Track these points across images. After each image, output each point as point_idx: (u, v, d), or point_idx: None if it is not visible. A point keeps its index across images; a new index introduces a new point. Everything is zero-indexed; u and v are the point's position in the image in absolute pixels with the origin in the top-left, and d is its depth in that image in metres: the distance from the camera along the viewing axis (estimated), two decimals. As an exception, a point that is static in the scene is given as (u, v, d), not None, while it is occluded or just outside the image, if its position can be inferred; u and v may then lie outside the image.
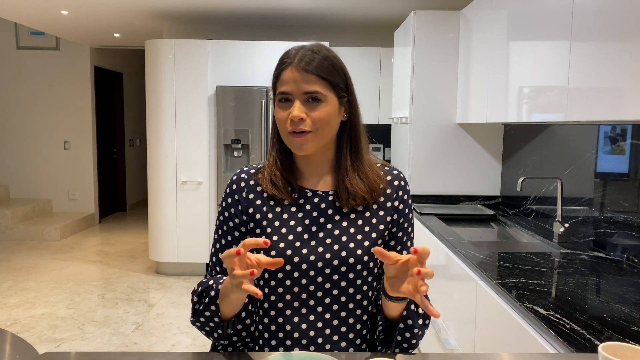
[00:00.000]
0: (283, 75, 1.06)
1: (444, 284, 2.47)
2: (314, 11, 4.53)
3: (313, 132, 1.06)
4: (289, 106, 1.06)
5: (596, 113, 1.69)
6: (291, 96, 1.05)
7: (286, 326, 1.09)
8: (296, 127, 1.04)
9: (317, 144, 1.08)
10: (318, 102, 1.05)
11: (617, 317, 1.42)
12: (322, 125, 1.06)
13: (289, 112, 1.05)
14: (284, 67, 1.07)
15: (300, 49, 1.08)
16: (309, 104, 1.05)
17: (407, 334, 1.06)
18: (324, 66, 1.06)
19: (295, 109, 1.04)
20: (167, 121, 4.55)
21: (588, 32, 1.74)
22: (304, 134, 1.05)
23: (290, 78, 1.05)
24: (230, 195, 1.15)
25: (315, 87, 1.04)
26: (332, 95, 1.07)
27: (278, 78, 1.07)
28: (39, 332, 3.47)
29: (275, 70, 1.09)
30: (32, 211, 6.35)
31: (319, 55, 1.06)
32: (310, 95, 1.04)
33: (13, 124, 6.61)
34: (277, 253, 1.07)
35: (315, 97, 1.04)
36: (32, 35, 6.49)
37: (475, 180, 3.51)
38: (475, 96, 3.06)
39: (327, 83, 1.05)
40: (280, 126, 1.08)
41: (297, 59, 1.05)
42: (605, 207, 2.20)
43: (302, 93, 1.04)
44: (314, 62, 1.05)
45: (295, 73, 1.04)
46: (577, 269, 1.91)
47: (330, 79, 1.06)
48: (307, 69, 1.04)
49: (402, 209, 1.16)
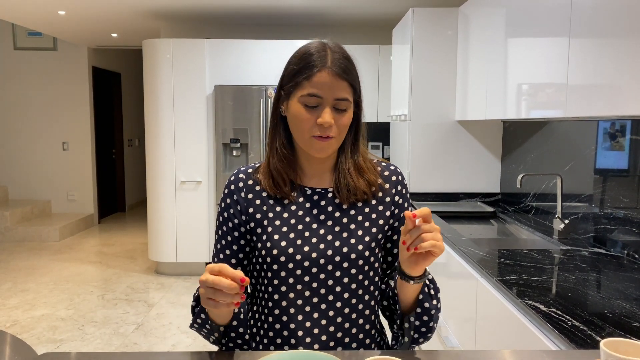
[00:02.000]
0: (316, 77, 1.03)
1: (444, 281, 2.47)
2: (312, 9, 4.52)
3: (335, 138, 1.07)
4: (316, 110, 1.04)
5: (595, 109, 1.69)
6: (321, 100, 1.04)
7: (290, 324, 1.09)
8: (324, 133, 1.05)
9: (335, 148, 1.10)
10: (345, 109, 1.06)
11: (618, 313, 1.42)
12: (343, 130, 1.08)
13: (316, 116, 1.04)
14: (317, 69, 1.03)
15: (326, 48, 1.06)
16: (336, 110, 1.05)
17: (425, 317, 1.05)
18: (352, 71, 1.07)
19: (327, 114, 1.03)
20: (165, 121, 4.54)
21: (587, 29, 1.74)
22: (329, 138, 1.06)
23: (325, 82, 1.03)
24: (228, 196, 1.15)
25: (345, 94, 1.05)
26: (352, 100, 1.08)
27: (309, 79, 1.03)
28: (39, 333, 3.47)
29: (305, 70, 1.04)
30: (31, 212, 6.34)
31: (347, 60, 1.07)
32: (340, 102, 1.04)
33: (11, 125, 6.60)
34: (279, 251, 1.07)
35: (343, 104, 1.05)
36: (29, 35, 6.47)
37: (474, 177, 3.51)
38: (474, 93, 3.05)
39: (352, 90, 1.07)
40: (302, 126, 1.06)
41: (331, 62, 1.04)
42: (605, 203, 2.20)
43: (334, 99, 1.04)
44: (346, 68, 1.05)
45: (331, 78, 1.03)
46: (577, 266, 1.91)
47: (356, 85, 1.08)
48: (341, 75, 1.04)
49: (401, 203, 1.17)
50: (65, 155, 6.70)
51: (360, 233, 1.10)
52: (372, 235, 1.11)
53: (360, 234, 1.10)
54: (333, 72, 1.03)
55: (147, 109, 4.61)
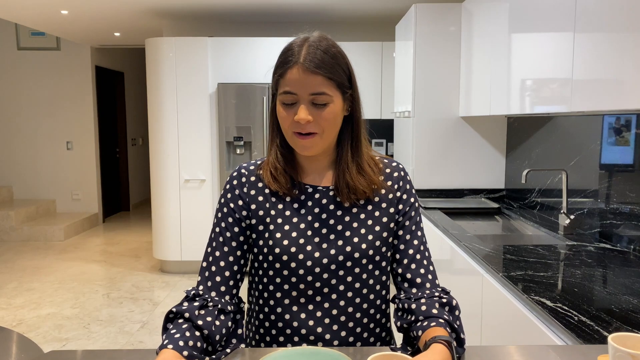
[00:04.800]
0: (288, 74, 1.01)
1: (449, 278, 2.46)
2: (314, 6, 4.51)
3: (319, 134, 1.03)
4: (293, 107, 1.02)
5: (600, 103, 1.68)
6: (296, 97, 1.01)
7: (293, 323, 1.08)
8: (302, 129, 1.02)
9: (323, 145, 1.06)
10: (324, 103, 1.01)
11: (625, 308, 1.41)
12: (328, 126, 1.04)
13: (294, 113, 1.02)
14: (288, 66, 1.01)
15: (304, 43, 1.03)
16: (315, 105, 1.01)
17: None
18: (330, 64, 1.01)
19: (302, 111, 1.00)
20: (168, 119, 4.55)
21: (592, 23, 1.73)
22: (311, 135, 1.03)
23: (296, 79, 1.00)
24: (230, 191, 1.12)
25: (322, 88, 1.00)
26: (338, 94, 1.03)
27: (282, 76, 1.02)
28: (45, 332, 3.48)
29: (279, 68, 1.03)
30: (35, 212, 6.36)
31: (324, 52, 1.01)
32: (316, 97, 1.01)
33: (15, 125, 6.61)
34: (281, 250, 1.06)
35: (322, 99, 1.01)
36: (32, 35, 6.49)
37: (479, 173, 3.50)
38: (478, 89, 3.04)
39: (333, 82, 1.02)
40: (283, 125, 1.05)
41: (303, 57, 1.00)
42: (610, 199, 2.19)
43: (309, 94, 1.01)
44: (320, 62, 1.00)
45: (302, 74, 1.00)
46: (583, 261, 1.90)
47: (336, 78, 1.02)
48: (313, 70, 0.99)
49: (406, 199, 1.14)
50: (70, 154, 6.71)
51: (364, 231, 1.08)
52: (375, 234, 1.09)
53: (363, 232, 1.08)
54: (304, 68, 0.99)
55: (151, 108, 4.62)
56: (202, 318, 1.00)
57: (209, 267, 1.09)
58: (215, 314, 1.03)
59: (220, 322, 1.03)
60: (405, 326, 1.05)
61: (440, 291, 1.09)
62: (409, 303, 1.05)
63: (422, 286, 1.09)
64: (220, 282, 1.07)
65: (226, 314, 1.05)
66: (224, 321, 1.03)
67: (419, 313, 1.02)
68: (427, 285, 1.10)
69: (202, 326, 0.99)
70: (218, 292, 1.06)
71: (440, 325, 0.97)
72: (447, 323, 0.99)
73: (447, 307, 1.05)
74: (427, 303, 1.04)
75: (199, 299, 1.04)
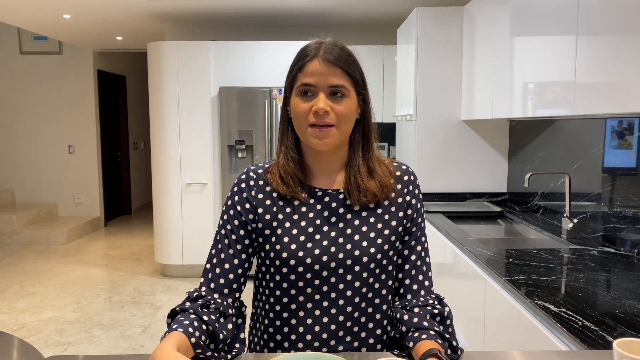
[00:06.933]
0: (308, 66, 1.03)
1: (451, 282, 2.45)
2: (316, 10, 4.51)
3: (336, 127, 1.04)
4: (311, 99, 1.03)
5: (603, 107, 1.67)
6: (315, 89, 1.03)
7: (299, 328, 1.07)
8: (320, 120, 1.02)
9: (338, 140, 1.06)
10: (342, 96, 1.03)
11: (630, 312, 1.40)
12: (344, 121, 1.05)
13: (312, 105, 1.03)
14: (308, 59, 1.04)
15: (321, 42, 1.06)
16: (333, 98, 1.03)
17: None
18: (349, 60, 1.05)
19: (321, 101, 1.02)
20: (170, 123, 4.55)
21: (594, 26, 1.72)
22: (328, 127, 1.03)
23: (317, 70, 1.02)
24: (238, 194, 1.12)
25: (341, 80, 1.03)
26: (353, 91, 1.06)
27: (301, 70, 1.04)
28: (46, 336, 3.48)
29: (298, 61, 1.06)
30: (37, 215, 6.36)
31: (342, 49, 1.05)
32: (335, 88, 1.03)
33: (17, 129, 6.62)
34: (289, 254, 1.05)
35: (340, 91, 1.03)
36: (35, 40, 6.50)
37: (481, 177, 3.49)
38: (480, 92, 3.03)
39: (350, 78, 1.04)
40: (299, 119, 1.06)
41: (323, 51, 1.03)
42: (614, 202, 2.18)
43: (328, 86, 1.03)
44: (339, 56, 1.03)
45: (323, 65, 1.02)
46: (587, 265, 1.89)
47: (353, 74, 1.05)
48: (334, 62, 1.02)
49: (414, 204, 1.13)
50: (72, 158, 6.72)
51: (373, 235, 1.08)
52: (384, 238, 1.08)
53: (372, 236, 1.08)
54: (324, 59, 1.02)
55: (152, 112, 4.62)
56: (207, 315, 1.00)
57: (212, 269, 1.08)
58: (217, 316, 1.02)
59: (221, 324, 1.02)
60: (397, 336, 1.07)
61: (435, 298, 1.10)
62: (402, 313, 1.07)
63: (417, 293, 1.10)
64: (223, 284, 1.07)
65: (228, 317, 1.04)
66: (225, 324, 1.03)
67: (411, 325, 1.03)
68: (422, 292, 1.10)
69: (207, 322, 0.99)
70: (221, 295, 1.06)
71: (431, 338, 0.99)
72: (437, 335, 1.01)
73: (438, 318, 1.06)
74: (419, 314, 1.05)
75: (202, 300, 1.03)
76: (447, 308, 1.08)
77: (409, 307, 1.07)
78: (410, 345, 1.01)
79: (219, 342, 1.00)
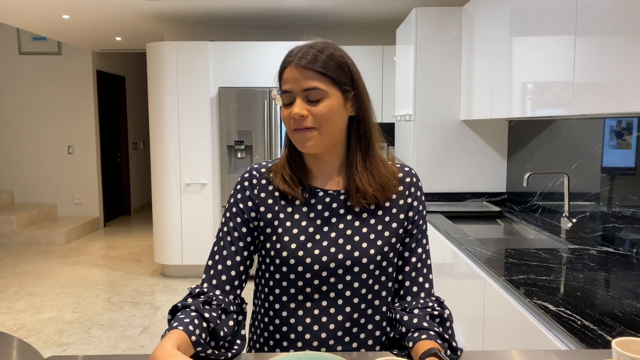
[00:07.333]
0: (285, 74, 1.06)
1: (451, 282, 2.45)
2: (315, 10, 4.51)
3: (317, 129, 1.05)
4: (291, 105, 1.06)
5: (602, 107, 1.67)
6: (292, 94, 1.05)
7: (298, 327, 1.08)
8: (299, 125, 1.04)
9: (323, 141, 1.06)
10: (319, 98, 1.04)
11: (629, 312, 1.41)
12: (325, 121, 1.05)
13: (291, 110, 1.05)
14: (284, 66, 1.07)
15: (302, 47, 1.08)
16: (310, 102, 1.04)
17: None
18: (324, 61, 1.04)
19: (296, 106, 1.04)
20: (170, 124, 4.55)
21: (593, 27, 1.72)
22: (308, 130, 1.04)
23: (290, 76, 1.05)
24: (241, 192, 1.13)
25: (314, 83, 1.03)
26: (335, 90, 1.05)
27: (281, 77, 1.08)
28: (46, 337, 3.47)
29: (279, 70, 1.10)
30: (37, 216, 6.36)
31: (319, 51, 1.05)
32: (309, 92, 1.03)
33: (16, 129, 6.62)
34: (289, 254, 1.06)
35: (314, 93, 1.03)
36: (34, 40, 6.50)
37: (480, 177, 3.49)
38: (479, 92, 3.04)
39: (327, 78, 1.04)
40: (285, 125, 1.09)
41: (297, 57, 1.05)
42: (612, 202, 2.18)
43: (302, 90, 1.04)
44: (312, 59, 1.04)
45: (295, 71, 1.04)
46: (586, 265, 1.89)
47: (331, 74, 1.04)
48: (305, 66, 1.03)
49: (416, 206, 1.13)
50: (71, 158, 6.72)
51: (373, 237, 1.08)
52: (385, 239, 1.08)
53: (372, 237, 1.08)
54: (297, 65, 1.04)
55: (152, 112, 4.62)
56: (208, 312, 1.00)
57: (214, 266, 1.09)
58: (219, 313, 1.03)
59: (223, 321, 1.03)
60: (397, 337, 1.07)
61: (435, 301, 1.10)
62: (401, 314, 1.07)
63: (417, 295, 1.10)
64: (225, 281, 1.07)
65: (229, 314, 1.05)
66: (226, 320, 1.04)
67: (410, 325, 1.03)
68: (422, 294, 1.10)
69: (209, 319, 0.99)
70: (222, 291, 1.06)
71: (431, 338, 1.00)
72: (437, 335, 1.01)
73: (437, 319, 1.06)
74: (419, 315, 1.05)
75: (204, 297, 1.04)
76: (447, 310, 1.08)
77: (409, 309, 1.07)
78: (409, 345, 1.01)
79: (219, 339, 1.00)
